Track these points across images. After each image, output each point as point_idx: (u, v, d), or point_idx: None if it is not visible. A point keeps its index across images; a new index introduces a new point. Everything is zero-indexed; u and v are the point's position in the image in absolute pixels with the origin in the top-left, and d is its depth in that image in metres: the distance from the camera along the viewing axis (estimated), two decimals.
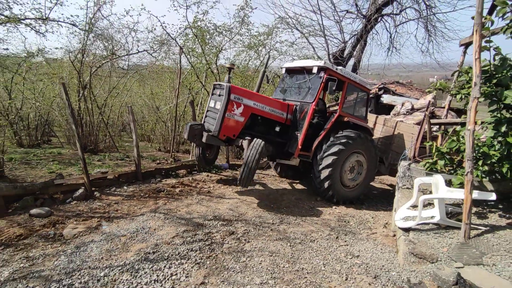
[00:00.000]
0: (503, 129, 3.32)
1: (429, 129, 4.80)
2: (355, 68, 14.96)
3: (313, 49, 14.58)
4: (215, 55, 9.63)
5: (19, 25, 6.33)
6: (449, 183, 3.86)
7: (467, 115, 3.08)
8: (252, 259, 3.28)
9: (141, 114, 12.22)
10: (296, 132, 5.76)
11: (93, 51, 8.62)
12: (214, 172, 7.26)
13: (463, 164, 3.87)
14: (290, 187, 6.77)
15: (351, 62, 15.05)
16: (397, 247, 3.75)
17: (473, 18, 3.00)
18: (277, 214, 4.90)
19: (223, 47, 9.71)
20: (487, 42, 3.57)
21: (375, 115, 8.14)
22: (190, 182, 6.16)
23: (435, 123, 5.49)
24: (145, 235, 3.65)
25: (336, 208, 5.65)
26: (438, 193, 3.52)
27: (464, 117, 3.75)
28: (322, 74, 5.70)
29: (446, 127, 5.95)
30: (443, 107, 6.82)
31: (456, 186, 3.61)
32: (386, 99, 12.62)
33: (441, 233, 3.52)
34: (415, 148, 5.08)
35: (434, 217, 3.65)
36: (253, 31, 10.17)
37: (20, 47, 9.30)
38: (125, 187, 5.46)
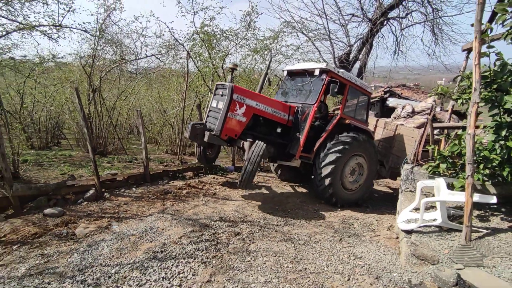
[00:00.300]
0: (504, 133, 3.37)
1: (432, 132, 4.85)
2: (360, 71, 15.00)
3: (319, 52, 14.66)
4: (222, 59, 9.80)
5: (33, 32, 6.60)
6: (451, 186, 3.92)
7: (467, 119, 3.15)
8: (257, 259, 3.38)
9: (149, 117, 12.43)
10: (298, 134, 5.77)
11: (103, 56, 8.86)
12: (220, 174, 7.38)
13: (465, 168, 3.92)
14: (295, 190, 6.85)
15: (356, 65, 15.10)
16: (400, 249, 3.81)
17: (472, 25, 3.07)
18: (281, 216, 4.99)
19: (229, 52, 9.89)
20: (489, 47, 3.64)
21: (375, 118, 8.13)
22: (196, 184, 6.29)
23: (438, 127, 5.53)
24: (154, 234, 3.78)
25: (341, 211, 5.71)
26: (440, 196, 3.58)
27: (466, 121, 3.80)
28: (324, 76, 5.72)
29: (449, 130, 5.97)
30: (446, 110, 6.84)
31: (458, 189, 3.66)
32: (391, 102, 12.60)
33: (442, 235, 3.57)
34: (417, 152, 5.12)
35: (436, 219, 3.71)
36: (259, 35, 10.27)
37: (32, 52, 9.61)
38: (133, 189, 5.61)
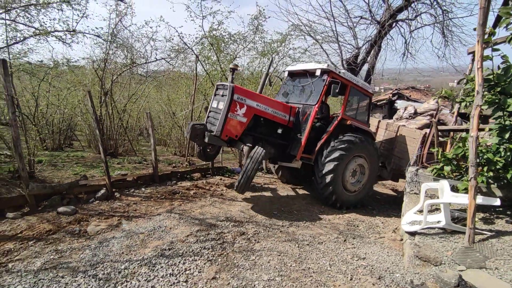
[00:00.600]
0: (507, 136, 3.38)
1: (437, 135, 4.85)
2: (369, 73, 14.95)
3: (327, 55, 14.70)
4: (230, 62, 9.95)
5: (48, 37, 6.86)
6: (456, 188, 3.93)
7: (470, 122, 3.18)
8: (261, 258, 3.46)
9: (158, 119, 12.66)
10: (299, 135, 5.72)
11: (114, 59, 9.12)
12: (227, 175, 7.49)
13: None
14: (301, 192, 6.90)
15: (365, 67, 15.05)
16: (403, 250, 3.84)
17: (475, 29, 3.11)
18: (287, 217, 5.06)
19: (237, 55, 10.04)
20: (494, 50, 3.65)
21: (377, 119, 8.07)
22: (204, 185, 6.41)
23: (442, 129, 5.52)
24: (162, 233, 3.90)
25: (346, 213, 5.73)
26: (443, 198, 3.60)
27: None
28: (325, 76, 5.69)
29: (455, 133, 5.95)
30: (453, 112, 6.80)
31: (462, 191, 3.67)
32: (400, 104, 12.56)
33: (446, 237, 3.59)
34: (422, 154, 5.12)
35: (440, 221, 3.72)
36: (267, 38, 10.41)
37: (47, 56, 9.94)
38: (143, 189, 5.77)
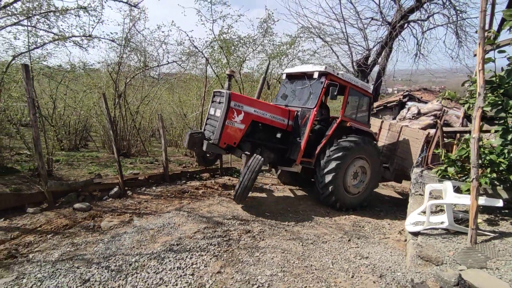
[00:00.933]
0: (510, 137, 3.39)
1: (442, 136, 4.85)
2: (379, 75, 14.87)
3: (337, 57, 14.72)
4: (239, 65, 10.14)
5: (66, 42, 7.19)
6: (460, 190, 3.94)
7: (472, 123, 3.21)
8: (265, 254, 3.57)
9: (170, 120, 12.96)
10: (298, 139, 5.68)
11: (128, 63, 9.44)
12: (236, 176, 7.65)
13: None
14: (307, 192, 6.97)
15: (375, 69, 14.97)
16: (406, 250, 3.88)
17: (476, 32, 3.14)
18: (292, 216, 5.15)
19: (246, 57, 10.21)
20: (500, 52, 3.67)
21: (380, 119, 7.97)
22: (212, 185, 6.57)
23: (448, 131, 5.49)
24: (171, 229, 4.07)
25: (353, 214, 5.77)
26: (446, 198, 3.63)
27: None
28: (323, 79, 5.64)
29: (461, 134, 5.91)
30: (457, 115, 6.73)
31: (465, 192, 3.69)
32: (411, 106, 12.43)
33: (449, 238, 3.61)
34: (427, 155, 5.13)
35: (444, 222, 3.75)
36: (276, 41, 10.53)
37: (64, 59, 10.39)
38: (153, 188, 5.98)
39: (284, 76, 6.70)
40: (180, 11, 8.72)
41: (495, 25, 3.49)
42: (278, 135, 5.76)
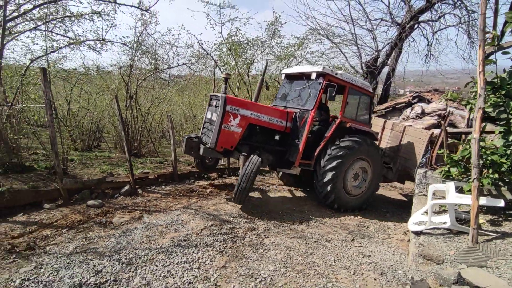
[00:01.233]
0: (511, 138, 3.41)
1: (446, 137, 4.86)
2: (389, 76, 14.78)
3: (346, 58, 14.71)
4: (247, 67, 10.30)
5: (81, 46, 7.49)
6: (463, 190, 3.97)
7: (472, 124, 3.25)
8: (269, 251, 3.68)
9: (180, 122, 13.19)
10: (296, 141, 5.59)
11: (139, 65, 9.70)
12: None
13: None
14: (311, 194, 7.02)
15: (385, 70, 14.88)
16: (408, 249, 3.93)
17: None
18: (297, 216, 5.24)
19: (255, 59, 10.36)
20: (504, 54, 3.70)
21: (383, 119, 7.81)
22: (219, 184, 6.73)
23: (451, 132, 5.47)
24: (178, 226, 4.23)
25: (358, 215, 5.79)
26: (447, 199, 3.66)
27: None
28: (321, 79, 5.55)
29: (466, 135, 5.87)
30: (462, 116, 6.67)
31: (467, 192, 3.72)
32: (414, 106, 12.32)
33: (451, 237, 3.65)
34: (431, 156, 5.14)
35: (446, 222, 3.78)
36: (284, 43, 10.63)
37: (79, 62, 10.74)
38: (163, 186, 6.17)
39: (283, 77, 6.65)
40: (190, 14, 8.94)
41: (499, 27, 3.50)
42: (277, 137, 5.68)
